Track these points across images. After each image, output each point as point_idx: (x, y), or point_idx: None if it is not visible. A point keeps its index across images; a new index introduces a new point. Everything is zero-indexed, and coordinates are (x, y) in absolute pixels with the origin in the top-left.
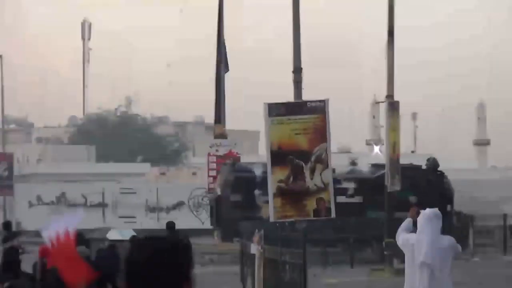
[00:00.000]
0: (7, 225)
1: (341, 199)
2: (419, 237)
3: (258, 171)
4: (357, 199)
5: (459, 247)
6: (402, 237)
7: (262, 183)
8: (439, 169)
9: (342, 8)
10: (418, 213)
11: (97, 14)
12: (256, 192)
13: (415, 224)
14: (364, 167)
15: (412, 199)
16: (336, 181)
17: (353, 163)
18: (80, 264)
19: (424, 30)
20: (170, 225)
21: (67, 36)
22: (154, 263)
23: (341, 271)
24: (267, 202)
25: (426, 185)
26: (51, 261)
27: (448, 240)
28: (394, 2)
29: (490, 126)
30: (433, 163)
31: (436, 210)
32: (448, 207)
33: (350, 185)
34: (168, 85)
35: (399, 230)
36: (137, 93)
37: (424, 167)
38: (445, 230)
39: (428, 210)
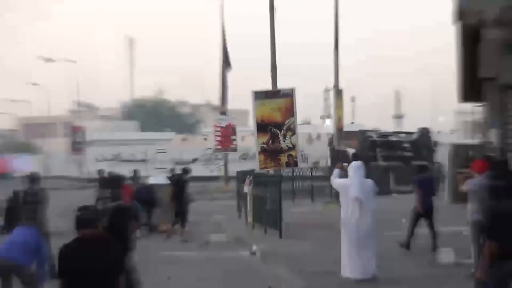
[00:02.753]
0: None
1: None
2: (350, 180)
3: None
4: None
5: (376, 187)
6: (337, 182)
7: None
8: None
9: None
10: (342, 166)
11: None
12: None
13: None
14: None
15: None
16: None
17: (426, 130)
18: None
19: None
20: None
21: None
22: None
23: (305, 204)
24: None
25: None
26: None
27: (370, 182)
28: (338, 22)
29: (405, 104)
30: None
31: (360, 162)
32: None
33: None
34: (188, 79)
35: (332, 177)
36: (166, 85)
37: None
38: None
39: (354, 162)
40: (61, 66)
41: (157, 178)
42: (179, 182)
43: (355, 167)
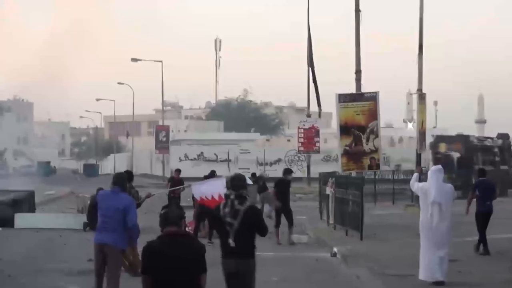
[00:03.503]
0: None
1: None
2: (428, 184)
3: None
4: None
5: (455, 192)
6: (417, 185)
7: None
8: None
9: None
10: (421, 170)
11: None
12: None
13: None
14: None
15: None
16: None
17: (506, 135)
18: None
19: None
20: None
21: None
22: None
23: (386, 207)
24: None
25: None
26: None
27: (449, 187)
28: (423, 23)
29: (487, 109)
30: None
31: (439, 166)
32: None
33: None
34: (273, 80)
35: (412, 181)
36: (251, 87)
37: None
38: None
39: (434, 166)
40: (148, 65)
41: None
42: (282, 183)
43: (434, 170)
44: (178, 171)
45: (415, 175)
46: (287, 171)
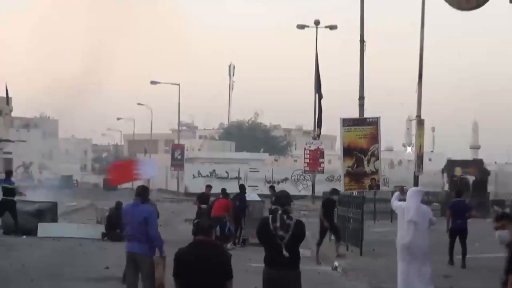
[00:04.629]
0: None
1: None
2: (407, 203)
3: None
4: None
5: (432, 216)
6: (396, 204)
7: None
8: None
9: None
10: (402, 189)
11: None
12: None
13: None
14: None
15: None
16: None
17: (481, 161)
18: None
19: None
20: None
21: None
22: None
23: (385, 224)
24: None
25: None
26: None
27: (426, 208)
28: (423, 54)
29: (480, 136)
30: None
31: (418, 187)
32: None
33: None
34: (281, 105)
35: (392, 199)
36: (262, 110)
37: None
38: None
39: (413, 187)
40: (166, 88)
41: (250, 195)
42: (328, 202)
43: (413, 191)
44: (209, 187)
45: (396, 193)
46: (334, 192)
